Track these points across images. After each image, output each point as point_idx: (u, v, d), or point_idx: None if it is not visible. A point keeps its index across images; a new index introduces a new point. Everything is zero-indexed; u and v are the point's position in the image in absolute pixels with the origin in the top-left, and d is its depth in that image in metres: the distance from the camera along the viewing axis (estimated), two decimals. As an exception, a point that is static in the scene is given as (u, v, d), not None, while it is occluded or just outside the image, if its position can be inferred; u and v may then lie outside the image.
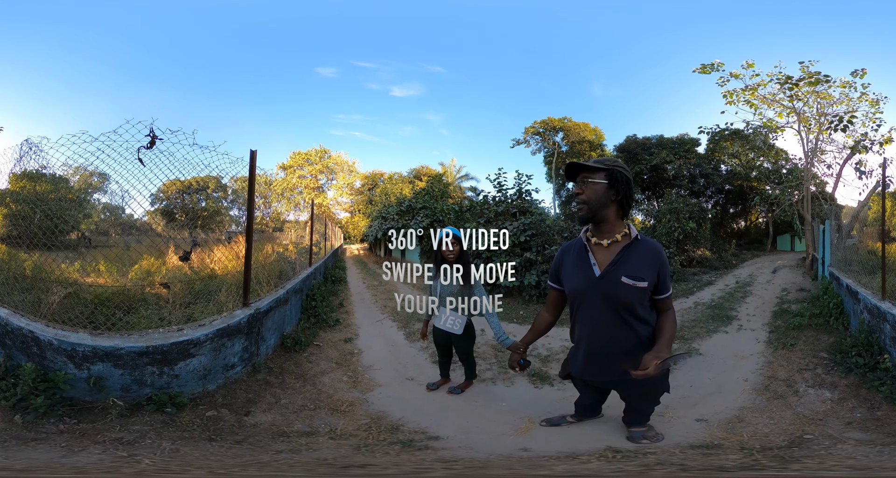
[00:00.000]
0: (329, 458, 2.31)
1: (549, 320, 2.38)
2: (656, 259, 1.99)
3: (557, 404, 3.12)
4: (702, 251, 12.86)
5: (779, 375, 3.67)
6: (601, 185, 1.96)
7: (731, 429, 2.72)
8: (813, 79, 11.00)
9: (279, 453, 2.33)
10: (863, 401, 3.04)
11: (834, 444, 2.41)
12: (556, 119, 24.34)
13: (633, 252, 1.98)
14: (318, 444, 2.52)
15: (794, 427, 2.72)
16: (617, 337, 2.03)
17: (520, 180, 9.08)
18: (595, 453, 2.31)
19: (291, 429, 2.72)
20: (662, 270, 2.00)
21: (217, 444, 2.41)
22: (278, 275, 5.29)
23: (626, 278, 1.94)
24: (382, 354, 4.47)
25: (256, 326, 3.68)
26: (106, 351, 2.73)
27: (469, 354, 3.40)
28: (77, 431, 2.42)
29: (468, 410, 3.12)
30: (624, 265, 1.97)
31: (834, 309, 4.98)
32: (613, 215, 2.01)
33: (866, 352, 3.58)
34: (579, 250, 2.10)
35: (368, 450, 2.42)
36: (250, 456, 2.28)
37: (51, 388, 2.59)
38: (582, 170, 2.00)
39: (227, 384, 3.18)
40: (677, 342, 4.73)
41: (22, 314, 3.09)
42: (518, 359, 2.50)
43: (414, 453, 2.38)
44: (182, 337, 2.97)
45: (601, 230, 2.03)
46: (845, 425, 2.72)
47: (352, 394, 3.40)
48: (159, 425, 2.55)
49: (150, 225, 16.87)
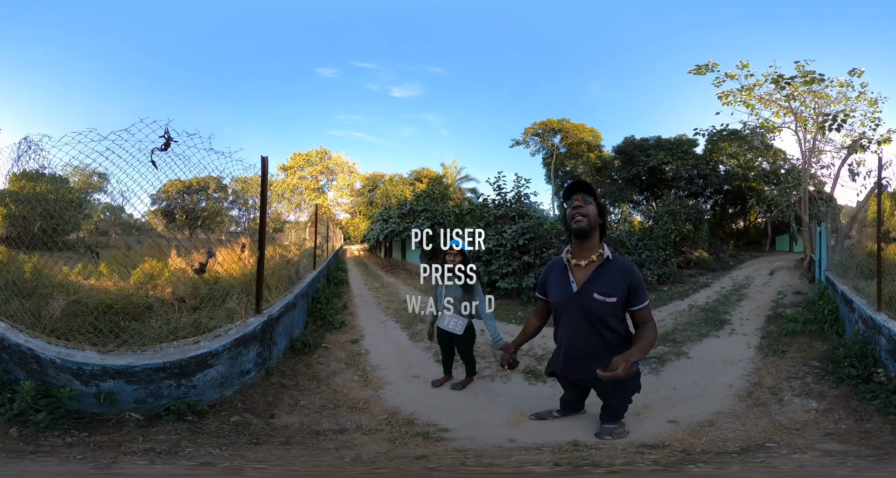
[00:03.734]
0: (378, 452, 2.47)
1: (536, 325, 2.76)
2: (626, 276, 2.28)
3: (548, 399, 3.30)
4: (699, 253, 12.94)
5: (765, 382, 3.65)
6: (594, 206, 2.31)
7: (696, 432, 2.76)
8: (808, 78, 11.04)
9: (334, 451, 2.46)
10: (851, 412, 2.95)
11: (791, 453, 2.36)
12: (554, 120, 24.38)
13: (605, 271, 2.30)
14: (354, 440, 2.68)
15: (761, 435, 2.68)
16: (590, 342, 2.36)
17: (518, 184, 9.20)
18: (558, 445, 2.54)
19: (322, 428, 2.86)
20: (633, 284, 2.29)
21: (264, 447, 2.45)
22: (287, 280, 5.37)
23: (598, 295, 2.27)
24: (388, 354, 4.65)
25: (269, 332, 3.78)
26: (118, 369, 2.62)
27: (469, 353, 3.67)
28: (91, 443, 2.33)
29: (470, 404, 3.39)
30: (596, 283, 2.29)
31: (829, 316, 4.90)
32: (597, 236, 2.36)
33: (860, 363, 3.47)
34: (561, 269, 2.45)
35: (401, 443, 2.66)
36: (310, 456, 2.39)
37: (53, 403, 2.47)
38: (581, 190, 2.33)
39: (243, 389, 3.26)
40: (668, 345, 4.80)
41: (20, 329, 2.93)
42: (507, 358, 2.84)
43: (435, 444, 2.64)
44: (200, 350, 2.93)
45: (583, 249, 2.36)
46: (823, 436, 2.65)
47: (365, 392, 3.60)
48: (187, 433, 2.52)
49: (150, 225, 16.91)
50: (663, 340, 4.95)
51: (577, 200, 2.30)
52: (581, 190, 2.33)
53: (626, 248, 9.64)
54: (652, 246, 10.63)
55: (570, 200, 2.34)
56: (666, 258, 10.58)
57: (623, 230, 11.65)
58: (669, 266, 10.43)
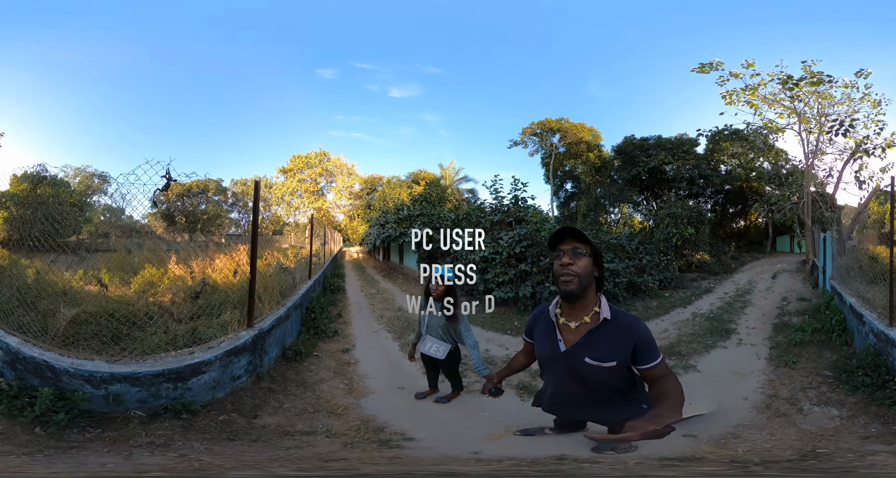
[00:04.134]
0: (322, 453, 2.65)
1: (524, 363, 2.38)
2: (629, 338, 1.83)
3: (541, 416, 3.07)
4: (701, 255, 12.82)
5: (781, 393, 3.61)
6: (588, 259, 1.81)
7: (723, 444, 2.68)
8: (815, 79, 10.90)
9: (288, 449, 2.68)
10: (874, 417, 2.99)
11: (861, 456, 2.35)
12: (553, 120, 24.19)
13: (601, 335, 1.84)
14: (317, 441, 2.82)
15: (801, 442, 2.66)
16: (580, 402, 1.99)
17: (515, 187, 9.05)
18: (533, 459, 2.36)
19: (294, 429, 3.00)
20: (639, 344, 1.83)
21: (237, 442, 2.74)
22: (280, 292, 5.31)
23: (590, 360, 1.83)
24: (377, 364, 4.61)
25: (260, 344, 3.92)
26: (124, 375, 3.00)
27: (454, 372, 3.63)
28: (106, 438, 2.67)
29: (450, 417, 3.34)
30: (589, 348, 1.84)
31: (836, 325, 4.89)
32: (592, 293, 1.87)
33: (873, 372, 3.53)
34: (547, 324, 1.99)
35: (352, 446, 2.74)
36: (268, 452, 2.61)
37: (68, 405, 2.82)
38: (573, 236, 1.85)
39: (234, 392, 3.46)
40: (674, 359, 4.68)
41: (32, 342, 3.25)
42: (490, 388, 2.50)
43: (383, 451, 2.68)
44: (194, 359, 3.25)
45: (574, 308, 1.88)
46: (862, 440, 2.67)
47: (347, 399, 3.64)
48: (180, 430, 2.81)
49: (150, 228, 16.75)
50: (669, 353, 4.84)
51: (566, 254, 1.79)
52: (571, 237, 1.84)
53: (627, 252, 9.49)
54: (653, 250, 10.49)
55: (557, 250, 1.83)
56: (667, 263, 10.44)
57: (623, 234, 11.51)
58: (671, 271, 10.30)
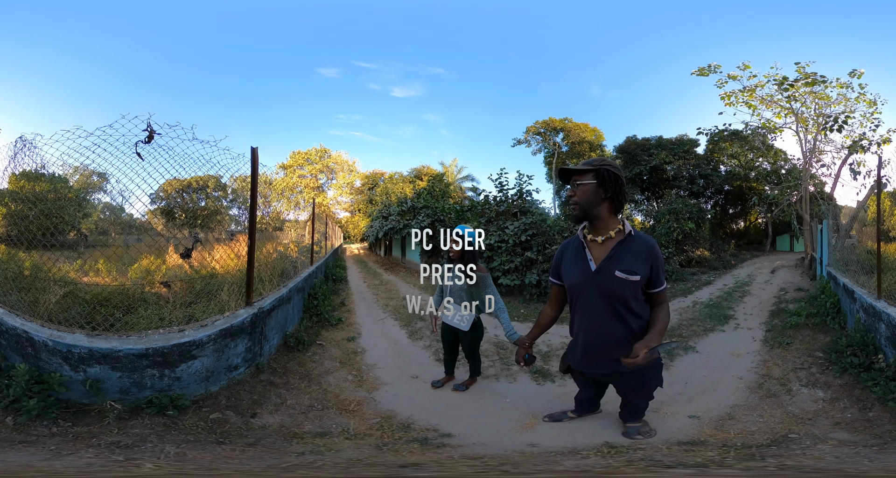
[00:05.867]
0: (360, 457, 2.25)
1: (551, 315, 2.49)
2: (649, 254, 2.08)
3: (559, 399, 3.18)
4: (701, 251, 12.91)
5: (773, 373, 3.69)
6: (590, 185, 2.06)
7: (721, 426, 2.75)
8: (810, 79, 11.07)
9: (301, 455, 2.24)
10: (855, 401, 3.02)
11: (815, 444, 2.39)
12: (556, 119, 24.41)
13: (627, 248, 2.08)
14: (335, 444, 2.46)
15: (781, 426, 2.73)
16: (611, 329, 2.13)
17: (521, 180, 9.14)
18: (593, 448, 2.37)
19: (303, 430, 2.67)
20: (656, 264, 2.09)
21: (226, 446, 2.31)
22: (280, 273, 5.24)
23: (620, 272, 2.05)
24: (386, 353, 4.45)
25: (260, 326, 3.61)
26: (103, 353, 2.62)
27: (475, 351, 3.45)
28: (70, 434, 2.32)
29: (474, 407, 3.15)
30: (617, 260, 2.07)
31: (831, 308, 4.99)
32: (606, 213, 2.10)
33: (861, 352, 3.57)
34: (577, 247, 2.21)
35: (390, 449, 2.38)
36: (270, 459, 2.18)
37: (45, 390, 2.51)
38: (573, 173, 2.12)
39: (231, 385, 3.08)
40: (673, 340, 4.77)
41: (17, 313, 2.97)
42: (524, 354, 2.57)
43: (436, 451, 2.37)
44: (183, 338, 2.84)
45: (596, 227, 2.13)
46: (833, 426, 2.70)
47: (358, 393, 3.39)
48: (160, 429, 2.46)
49: (149, 224, 16.82)
50: (670, 335, 4.91)
51: (571, 189, 2.12)
52: (572, 175, 2.12)
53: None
54: (653, 244, 10.60)
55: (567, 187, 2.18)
56: (668, 256, 10.55)
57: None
58: (672, 264, 10.41)
